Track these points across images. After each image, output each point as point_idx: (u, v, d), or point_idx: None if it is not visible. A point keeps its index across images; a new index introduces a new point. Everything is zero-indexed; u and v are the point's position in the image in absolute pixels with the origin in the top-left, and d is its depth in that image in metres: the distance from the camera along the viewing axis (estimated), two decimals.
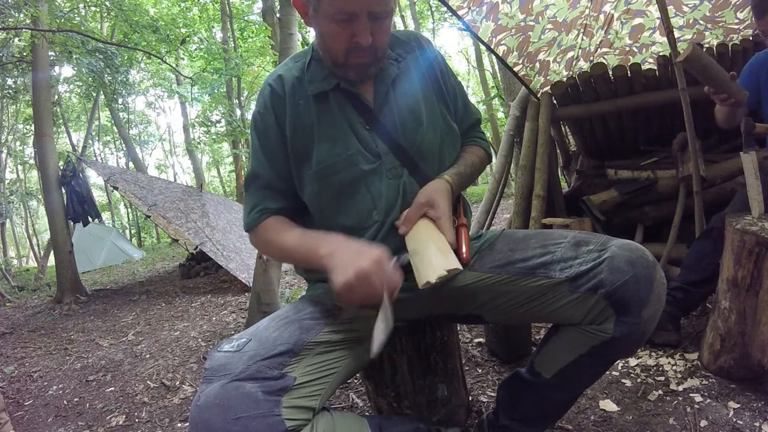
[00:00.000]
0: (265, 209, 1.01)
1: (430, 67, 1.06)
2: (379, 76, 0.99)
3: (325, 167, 0.96)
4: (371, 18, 0.87)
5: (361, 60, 0.92)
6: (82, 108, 14.85)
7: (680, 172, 2.21)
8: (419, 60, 1.05)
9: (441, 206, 0.93)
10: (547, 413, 1.07)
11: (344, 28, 0.87)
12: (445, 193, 0.96)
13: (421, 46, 1.07)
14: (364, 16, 0.86)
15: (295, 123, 0.98)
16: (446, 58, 8.14)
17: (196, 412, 0.74)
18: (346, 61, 0.92)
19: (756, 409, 1.24)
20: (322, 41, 0.94)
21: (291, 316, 0.92)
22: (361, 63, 0.92)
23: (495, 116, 12.23)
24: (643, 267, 0.85)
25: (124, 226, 20.48)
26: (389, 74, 1.00)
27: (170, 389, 2.18)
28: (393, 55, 1.02)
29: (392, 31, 1.01)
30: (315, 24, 0.92)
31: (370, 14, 0.86)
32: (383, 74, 1.00)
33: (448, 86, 1.08)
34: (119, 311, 4.45)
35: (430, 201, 0.94)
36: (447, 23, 15.09)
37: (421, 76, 1.04)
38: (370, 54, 0.91)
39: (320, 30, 0.92)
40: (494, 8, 2.38)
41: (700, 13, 2.54)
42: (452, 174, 1.01)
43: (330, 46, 0.92)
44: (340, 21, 0.87)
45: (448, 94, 1.08)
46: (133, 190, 5.54)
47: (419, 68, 1.04)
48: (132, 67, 10.47)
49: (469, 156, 1.11)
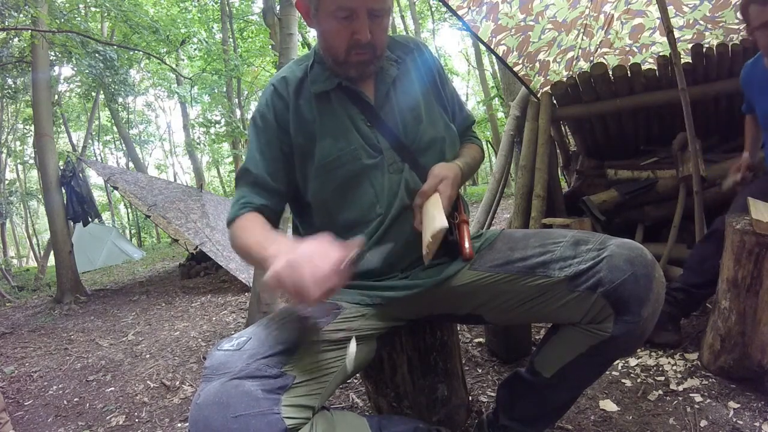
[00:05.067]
0: (248, 203, 1.01)
1: (429, 69, 1.09)
2: (380, 75, 1.02)
3: (329, 162, 0.98)
4: (370, 15, 0.90)
5: (361, 57, 0.94)
6: (82, 108, 14.84)
7: (680, 172, 2.22)
8: (418, 62, 1.09)
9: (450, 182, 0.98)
10: (547, 413, 1.07)
11: (344, 26, 0.90)
12: (455, 173, 1.00)
13: (419, 49, 1.11)
14: (364, 13, 0.89)
15: (297, 121, 1.01)
16: (446, 58, 8.16)
17: (196, 411, 0.74)
18: (347, 58, 0.94)
19: (756, 409, 1.24)
20: (323, 40, 0.97)
21: (291, 314, 0.92)
22: (362, 60, 0.95)
23: (495, 116, 12.23)
24: (642, 266, 0.85)
25: (124, 226, 20.48)
26: (390, 74, 1.03)
27: (170, 389, 2.18)
28: (393, 56, 1.06)
29: (392, 35, 1.07)
30: (316, 23, 0.95)
31: (369, 12, 0.89)
32: (384, 74, 1.02)
33: (445, 90, 1.12)
34: (119, 311, 4.45)
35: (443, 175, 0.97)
36: (447, 23, 15.09)
37: (420, 78, 1.07)
38: (370, 51, 0.94)
39: (322, 28, 0.95)
40: (494, 8, 2.38)
41: (700, 13, 2.54)
42: (461, 162, 1.06)
43: (331, 44, 0.95)
44: (340, 18, 0.90)
45: (446, 98, 1.12)
46: (133, 190, 5.54)
47: (418, 70, 1.08)
48: (132, 68, 10.47)
49: (470, 151, 1.16)
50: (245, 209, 1.00)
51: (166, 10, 12.64)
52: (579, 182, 2.82)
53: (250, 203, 1.01)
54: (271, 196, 1.03)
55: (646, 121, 2.67)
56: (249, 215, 0.99)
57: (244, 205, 1.00)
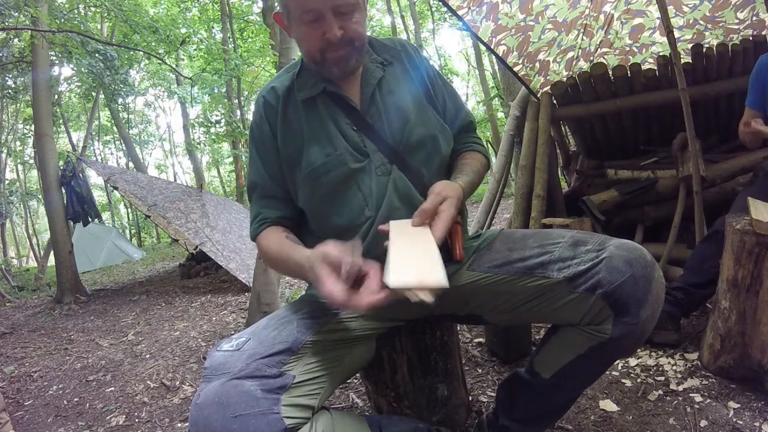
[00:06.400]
0: (265, 219, 1.04)
1: (417, 70, 1.09)
2: (365, 78, 1.03)
3: (315, 168, 0.98)
4: (336, 13, 0.91)
5: (336, 53, 0.95)
6: (82, 108, 14.84)
7: (680, 172, 2.22)
8: (406, 64, 1.09)
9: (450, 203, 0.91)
10: (546, 413, 1.07)
11: (314, 29, 0.92)
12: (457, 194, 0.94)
13: (407, 51, 1.11)
14: (329, 12, 0.90)
15: (285, 129, 1.02)
16: (446, 58, 8.13)
17: (196, 411, 0.74)
18: (324, 58, 0.96)
19: (756, 409, 1.24)
20: (301, 46, 0.99)
21: (290, 315, 0.93)
22: (338, 56, 0.95)
23: (495, 116, 12.21)
24: (641, 267, 0.85)
25: (124, 226, 20.48)
26: (374, 76, 1.03)
27: (170, 389, 2.18)
28: (379, 59, 1.06)
29: (379, 38, 1.10)
30: (293, 33, 0.98)
31: (334, 10, 0.91)
32: (368, 76, 1.03)
33: (435, 89, 1.11)
34: (119, 311, 4.45)
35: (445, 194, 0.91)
36: (447, 23, 15.09)
37: (409, 78, 1.07)
38: (346, 47, 0.95)
39: (297, 36, 0.98)
40: (494, 8, 2.38)
41: (700, 13, 2.54)
42: (464, 181, 1.01)
43: (307, 48, 0.97)
44: (309, 22, 0.92)
45: (436, 97, 1.10)
46: (133, 190, 5.54)
47: (406, 71, 1.08)
48: (132, 68, 10.47)
49: (473, 162, 1.10)
50: (264, 225, 1.03)
51: (166, 10, 12.64)
52: (579, 182, 2.82)
53: (266, 218, 1.04)
54: (284, 205, 1.05)
55: (646, 121, 2.67)
56: (268, 231, 1.02)
57: (261, 222, 1.04)
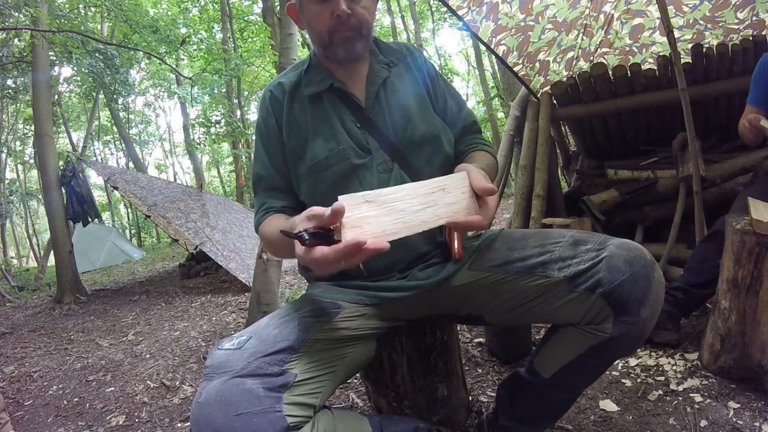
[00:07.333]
0: (269, 208, 1.06)
1: (420, 70, 1.12)
2: (370, 77, 1.06)
3: (318, 162, 1.00)
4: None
5: (344, 34, 0.97)
6: (82, 108, 14.83)
7: (680, 172, 2.22)
8: (411, 66, 1.12)
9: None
10: (546, 413, 1.07)
11: (324, 8, 0.95)
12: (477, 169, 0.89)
13: (412, 54, 1.14)
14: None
15: (290, 123, 1.04)
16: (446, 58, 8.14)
17: (197, 409, 0.74)
18: (332, 39, 0.98)
19: (756, 409, 1.24)
20: (311, 31, 1.01)
21: (291, 313, 0.93)
22: (346, 37, 0.97)
23: (495, 116, 12.21)
24: (641, 266, 0.85)
25: (124, 226, 20.48)
26: (380, 76, 1.06)
27: (170, 389, 2.18)
28: (385, 60, 1.09)
29: (385, 41, 1.14)
30: (303, 18, 1.01)
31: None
32: (374, 75, 1.06)
33: (436, 88, 1.13)
34: (119, 311, 4.45)
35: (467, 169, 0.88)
36: (447, 23, 15.09)
37: (413, 78, 1.10)
38: (353, 28, 0.97)
39: (307, 19, 1.00)
40: (494, 8, 2.38)
41: (700, 13, 2.54)
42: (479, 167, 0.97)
43: (317, 29, 0.99)
44: (319, 1, 0.95)
45: (436, 97, 1.12)
46: (133, 190, 5.54)
47: (410, 71, 1.11)
48: (132, 68, 10.47)
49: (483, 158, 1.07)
50: (268, 214, 1.05)
51: (166, 10, 12.64)
52: (579, 182, 2.83)
53: (271, 207, 1.05)
54: (288, 197, 1.07)
55: (646, 121, 2.67)
56: (270, 217, 1.04)
57: (266, 211, 1.05)
